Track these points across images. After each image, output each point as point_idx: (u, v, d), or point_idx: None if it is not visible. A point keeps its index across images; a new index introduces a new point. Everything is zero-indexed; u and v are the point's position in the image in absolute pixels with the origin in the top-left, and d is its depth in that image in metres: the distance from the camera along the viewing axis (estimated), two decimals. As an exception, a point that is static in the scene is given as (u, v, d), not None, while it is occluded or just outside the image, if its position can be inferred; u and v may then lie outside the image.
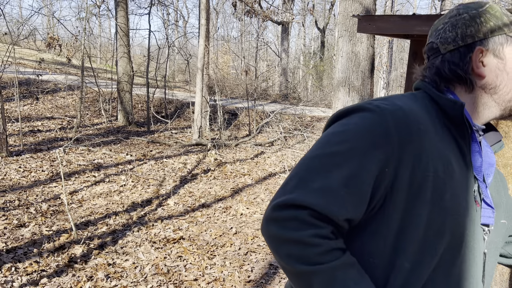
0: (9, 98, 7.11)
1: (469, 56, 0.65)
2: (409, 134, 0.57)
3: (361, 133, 0.57)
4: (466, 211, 0.61)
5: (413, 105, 0.62)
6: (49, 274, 2.44)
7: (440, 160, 0.59)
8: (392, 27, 1.45)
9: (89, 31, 8.56)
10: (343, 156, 0.56)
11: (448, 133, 0.63)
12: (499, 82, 0.64)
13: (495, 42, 0.64)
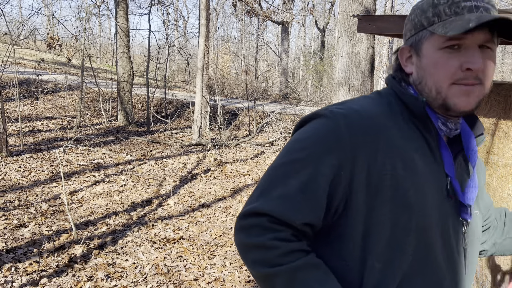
0: (9, 98, 7.11)
1: (398, 53, 0.66)
2: (362, 136, 0.58)
3: (316, 139, 0.59)
4: (435, 206, 0.60)
5: (371, 106, 0.62)
6: (49, 274, 2.44)
7: (399, 157, 0.58)
8: (392, 27, 1.46)
9: (89, 31, 8.57)
10: (301, 163, 0.58)
11: (415, 129, 0.62)
12: (419, 80, 0.63)
13: (415, 39, 0.63)
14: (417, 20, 0.63)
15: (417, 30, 0.63)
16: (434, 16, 0.60)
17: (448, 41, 0.58)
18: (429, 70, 0.61)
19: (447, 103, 0.60)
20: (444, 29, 0.57)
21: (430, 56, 0.60)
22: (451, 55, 0.59)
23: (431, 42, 0.60)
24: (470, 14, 0.57)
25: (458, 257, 0.64)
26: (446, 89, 0.60)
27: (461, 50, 0.58)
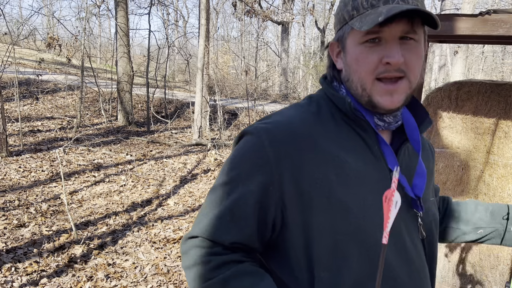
0: (9, 98, 7.11)
1: (328, 50, 0.65)
2: (285, 148, 0.57)
3: (242, 159, 0.59)
4: (379, 205, 0.57)
5: (296, 114, 0.61)
6: (49, 274, 2.43)
7: (330, 163, 0.57)
8: (392, 27, 1.45)
9: (89, 31, 8.56)
10: (230, 185, 0.59)
11: (350, 129, 0.61)
12: (347, 77, 0.62)
13: (340, 34, 0.61)
14: (340, 14, 0.61)
15: (341, 24, 0.61)
16: (353, 10, 0.58)
17: (366, 36, 0.57)
18: (352, 66, 0.59)
19: (372, 100, 0.59)
20: (360, 24, 0.56)
21: (352, 51, 0.59)
22: (371, 50, 0.57)
23: (352, 37, 0.59)
24: (385, 6, 0.55)
25: (415, 250, 0.63)
26: (370, 85, 0.58)
27: (381, 44, 0.57)
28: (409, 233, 0.62)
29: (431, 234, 0.67)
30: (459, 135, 1.65)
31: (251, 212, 0.57)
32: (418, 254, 0.64)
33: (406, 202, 0.63)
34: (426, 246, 0.66)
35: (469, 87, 1.62)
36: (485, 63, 15.93)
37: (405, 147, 0.64)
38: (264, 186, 0.57)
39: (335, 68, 0.64)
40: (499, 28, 1.21)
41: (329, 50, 0.64)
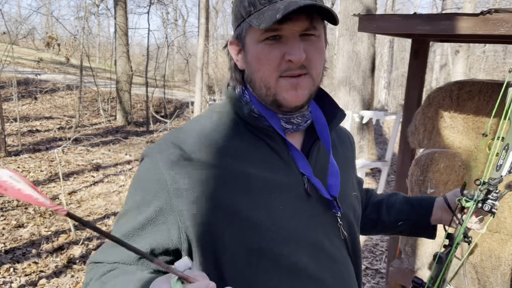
0: (8, 98, 7.09)
1: (227, 49, 0.61)
2: (180, 169, 0.55)
3: (139, 184, 0.59)
4: (291, 214, 0.57)
5: (195, 130, 0.59)
6: (48, 275, 2.42)
7: (232, 178, 0.55)
8: (393, 27, 1.44)
9: (88, 30, 8.54)
10: (131, 211, 0.58)
11: (255, 138, 0.59)
12: (250, 77, 0.59)
13: (238, 32, 0.58)
14: (237, 10, 0.58)
15: (238, 21, 0.58)
16: (250, 6, 0.56)
17: (266, 33, 0.54)
18: (254, 65, 0.57)
19: (277, 99, 0.57)
20: (257, 21, 0.53)
21: (253, 50, 0.56)
22: (272, 47, 0.55)
23: (251, 35, 0.56)
24: (282, 2, 0.53)
25: (337, 250, 0.62)
26: (274, 83, 0.56)
27: (282, 41, 0.55)
28: (328, 234, 0.61)
29: (353, 232, 0.67)
30: (460, 135, 1.64)
31: (148, 237, 0.56)
32: (341, 254, 0.63)
33: (323, 203, 0.61)
34: (349, 244, 0.65)
35: (471, 87, 1.60)
36: (487, 63, 15.93)
37: (316, 146, 0.63)
38: (160, 209, 0.56)
39: (237, 69, 0.61)
40: (500, 27, 1.20)
41: (229, 49, 0.60)
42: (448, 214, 0.76)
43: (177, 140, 0.58)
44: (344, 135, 0.74)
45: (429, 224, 0.80)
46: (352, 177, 0.72)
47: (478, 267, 1.60)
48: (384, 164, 3.67)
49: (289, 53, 0.55)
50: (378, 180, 4.68)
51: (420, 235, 0.83)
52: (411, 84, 1.79)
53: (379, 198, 0.85)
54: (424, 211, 0.79)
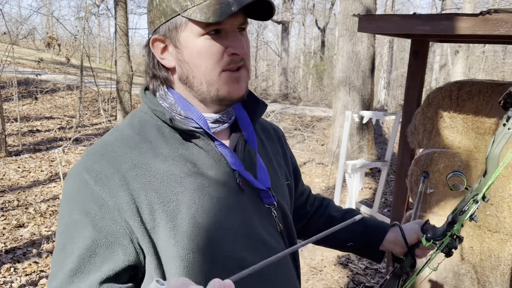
0: (8, 98, 7.10)
1: (149, 46, 0.58)
2: (113, 182, 0.53)
3: (70, 206, 0.54)
4: (226, 211, 0.57)
5: (117, 140, 0.56)
6: (48, 274, 2.43)
7: (165, 182, 0.54)
8: (392, 27, 1.45)
9: (88, 31, 8.55)
10: (73, 240, 0.53)
11: (182, 140, 0.58)
12: (186, 75, 0.57)
13: (169, 28, 0.55)
14: (165, 5, 0.55)
15: (168, 17, 0.55)
16: (186, 1, 0.54)
17: (207, 27, 0.53)
18: (194, 61, 0.55)
19: (220, 93, 0.57)
20: (203, 15, 0.52)
21: (192, 46, 0.55)
22: (213, 41, 0.54)
23: (189, 30, 0.54)
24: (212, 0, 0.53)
25: (277, 243, 0.63)
26: (217, 78, 0.56)
27: (222, 35, 0.55)
28: (265, 226, 0.62)
29: (288, 222, 0.68)
30: (460, 135, 1.64)
31: (85, 258, 0.53)
32: (279, 245, 0.64)
33: (257, 197, 0.62)
34: (285, 235, 0.66)
35: (470, 87, 1.61)
36: (486, 63, 15.93)
37: (241, 142, 0.63)
38: (109, 229, 0.53)
39: (162, 67, 0.59)
40: (500, 27, 1.20)
41: (152, 47, 0.57)
42: (401, 247, 0.76)
43: (101, 154, 0.55)
44: (269, 127, 0.75)
45: (378, 251, 0.80)
46: (283, 166, 0.72)
47: (478, 267, 1.61)
48: (384, 164, 3.68)
49: (233, 46, 0.55)
50: (378, 180, 4.69)
51: (367, 257, 0.83)
52: (410, 84, 1.79)
53: (334, 214, 0.83)
54: (376, 239, 0.79)
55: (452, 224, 0.67)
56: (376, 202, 3.69)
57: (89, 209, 0.53)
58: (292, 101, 11.10)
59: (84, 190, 0.54)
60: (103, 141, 0.58)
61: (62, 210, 0.56)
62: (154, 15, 0.57)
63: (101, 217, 0.53)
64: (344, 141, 3.39)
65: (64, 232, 0.55)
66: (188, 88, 0.59)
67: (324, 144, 6.63)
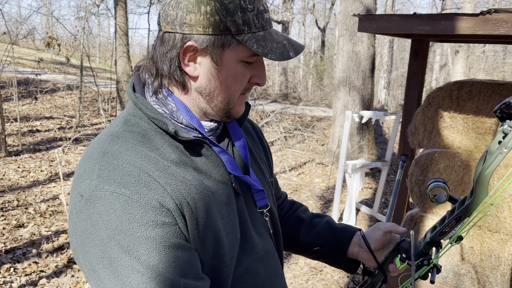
0: (8, 98, 7.09)
1: (180, 48, 0.54)
2: (153, 195, 0.51)
3: (125, 222, 0.50)
4: (229, 212, 0.59)
5: (128, 153, 0.53)
6: (48, 274, 2.43)
7: (192, 189, 0.54)
8: (393, 27, 1.44)
9: (88, 31, 8.54)
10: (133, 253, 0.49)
11: (184, 147, 0.57)
12: (210, 90, 0.57)
13: (213, 43, 0.53)
14: (218, 19, 0.52)
15: (217, 32, 0.53)
16: (244, 25, 0.53)
17: (252, 57, 0.55)
18: (228, 82, 0.56)
19: (232, 112, 0.60)
20: (261, 48, 0.53)
21: (232, 68, 0.55)
22: (247, 69, 0.57)
23: (235, 53, 0.54)
24: (272, 30, 0.57)
25: (271, 247, 0.66)
26: (236, 100, 0.59)
27: (254, 63, 0.57)
28: (259, 230, 0.64)
29: (276, 223, 0.70)
30: (460, 135, 1.64)
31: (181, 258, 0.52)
32: (270, 247, 0.67)
33: (251, 200, 0.64)
34: (273, 238, 0.69)
35: (470, 87, 1.61)
36: (486, 63, 15.92)
37: (231, 146, 0.65)
38: (176, 231, 0.52)
39: (183, 72, 0.56)
40: (500, 27, 1.20)
41: (181, 52, 0.55)
42: (365, 252, 0.74)
43: (123, 166, 0.51)
44: (247, 124, 0.76)
45: (346, 257, 0.76)
46: (265, 163, 0.74)
47: (478, 267, 1.60)
48: (384, 164, 3.68)
49: (259, 77, 0.59)
50: (378, 180, 4.68)
51: (337, 266, 0.79)
52: (411, 84, 1.79)
53: (302, 216, 0.82)
54: (342, 242, 0.76)
55: (431, 245, 0.63)
56: (376, 202, 3.69)
57: (148, 220, 0.49)
58: (292, 101, 11.09)
59: (132, 205, 0.49)
60: (111, 152, 0.53)
61: (109, 234, 0.48)
62: (198, 21, 0.53)
63: (163, 223, 0.50)
64: (344, 141, 3.39)
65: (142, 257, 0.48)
66: (204, 100, 0.58)
67: (324, 144, 6.62)
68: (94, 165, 0.53)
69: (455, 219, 0.60)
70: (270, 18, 0.58)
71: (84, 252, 0.51)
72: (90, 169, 0.53)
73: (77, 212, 0.51)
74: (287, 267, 2.71)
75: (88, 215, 0.50)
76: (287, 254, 2.87)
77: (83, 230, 0.50)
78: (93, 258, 0.50)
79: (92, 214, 0.50)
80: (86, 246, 0.50)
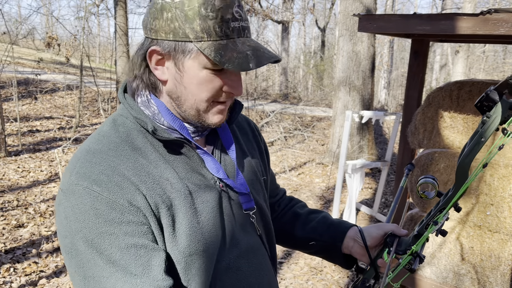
0: (8, 98, 7.09)
1: (146, 51, 0.57)
2: (122, 188, 0.53)
3: (91, 219, 0.52)
4: (212, 211, 0.60)
5: (109, 145, 0.56)
6: (48, 274, 2.42)
7: (164, 188, 0.56)
8: (393, 26, 1.44)
9: (88, 30, 8.54)
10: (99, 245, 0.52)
11: (167, 148, 0.59)
12: (177, 94, 0.58)
13: (174, 48, 0.55)
14: (177, 26, 0.54)
15: (177, 38, 0.54)
16: (203, 32, 0.53)
17: (216, 65, 0.55)
18: (191, 88, 0.57)
19: (204, 120, 0.60)
20: (218, 56, 0.53)
21: (194, 74, 0.56)
22: (216, 77, 0.56)
23: (197, 59, 0.55)
24: (240, 40, 0.55)
25: (257, 244, 0.67)
26: (205, 108, 0.58)
27: (223, 72, 0.57)
28: (243, 227, 0.65)
29: (266, 222, 0.71)
30: (460, 135, 1.64)
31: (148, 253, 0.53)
32: (257, 244, 0.67)
33: (237, 202, 0.65)
34: (263, 237, 0.70)
35: (470, 87, 1.60)
36: (486, 63, 15.93)
37: (219, 146, 0.66)
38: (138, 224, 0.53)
39: (151, 74, 0.58)
40: (500, 27, 1.20)
41: (148, 55, 0.57)
42: (359, 247, 0.74)
43: (100, 163, 0.54)
44: (244, 123, 0.76)
45: (340, 251, 0.77)
46: (259, 162, 0.74)
47: (478, 267, 1.60)
48: (384, 164, 3.67)
49: (232, 87, 0.58)
50: (378, 180, 4.68)
51: (334, 261, 0.79)
52: (411, 84, 1.79)
53: (299, 211, 0.82)
54: (337, 236, 0.76)
55: (417, 237, 0.64)
56: (376, 202, 3.69)
57: (114, 217, 0.52)
58: (292, 101, 11.09)
59: (101, 202, 0.52)
60: (93, 150, 0.56)
61: (77, 227, 0.52)
62: (161, 27, 0.55)
63: (128, 221, 0.53)
64: (344, 141, 3.39)
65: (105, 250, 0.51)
66: (175, 104, 0.60)
67: (324, 144, 6.62)
68: (76, 162, 0.56)
69: (439, 210, 0.61)
70: (244, 27, 0.56)
71: (60, 241, 0.55)
72: (72, 166, 0.56)
73: (57, 204, 0.56)
74: (287, 267, 2.71)
75: (63, 208, 0.54)
76: (287, 254, 2.87)
77: (59, 221, 0.54)
78: (64, 248, 0.54)
79: (66, 207, 0.53)
80: (60, 236, 0.55)
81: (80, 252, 0.52)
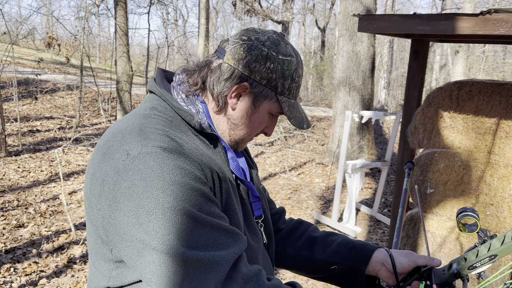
0: (8, 98, 7.10)
1: (235, 83, 0.65)
2: (189, 156, 0.57)
3: (172, 176, 0.55)
4: (236, 214, 0.63)
5: (162, 123, 0.60)
6: (48, 274, 2.43)
7: (216, 171, 0.61)
8: (393, 27, 1.44)
9: (88, 31, 8.54)
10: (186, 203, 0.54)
11: (201, 139, 0.66)
12: (236, 123, 0.67)
13: (261, 92, 0.65)
14: (274, 77, 0.65)
15: (269, 86, 0.65)
16: (288, 90, 0.66)
17: (278, 113, 0.68)
18: (252, 124, 0.68)
19: (238, 145, 0.70)
20: (289, 112, 0.67)
21: (262, 115, 0.68)
22: (269, 120, 0.70)
23: (269, 105, 0.67)
24: (297, 101, 0.70)
25: (266, 257, 0.71)
26: (248, 139, 0.70)
27: (273, 117, 0.70)
28: (253, 236, 0.68)
29: (269, 228, 0.75)
30: (460, 135, 1.64)
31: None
32: (265, 255, 0.72)
33: (248, 206, 0.69)
34: (269, 250, 0.74)
35: (470, 87, 1.61)
36: (486, 63, 15.93)
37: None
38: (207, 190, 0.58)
39: (224, 99, 0.66)
40: (500, 27, 1.20)
41: (235, 86, 0.65)
42: (387, 271, 0.74)
43: (165, 134, 0.58)
44: None
45: (363, 274, 0.75)
46: (256, 171, 0.80)
47: (478, 267, 1.60)
48: (384, 164, 3.68)
49: (270, 128, 0.72)
50: (378, 180, 4.69)
51: (350, 285, 0.78)
52: (411, 84, 1.79)
53: (314, 235, 0.81)
54: (361, 259, 0.75)
55: (456, 276, 0.62)
56: (376, 202, 3.69)
57: (201, 178, 0.56)
58: (292, 101, 11.06)
59: (184, 162, 0.55)
60: (149, 125, 0.58)
61: (162, 185, 0.51)
62: (259, 71, 0.64)
63: (207, 184, 0.58)
64: (344, 141, 3.39)
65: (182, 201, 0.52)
66: (228, 125, 0.68)
67: (324, 144, 6.63)
68: (134, 133, 0.57)
69: (489, 257, 0.59)
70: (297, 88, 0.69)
71: (128, 208, 0.52)
72: (131, 136, 0.56)
73: (118, 172, 0.53)
74: (287, 267, 2.71)
75: (137, 171, 0.52)
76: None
77: (130, 185, 0.52)
78: (141, 211, 0.51)
79: (142, 169, 0.52)
80: (132, 200, 0.51)
81: (169, 209, 0.51)
